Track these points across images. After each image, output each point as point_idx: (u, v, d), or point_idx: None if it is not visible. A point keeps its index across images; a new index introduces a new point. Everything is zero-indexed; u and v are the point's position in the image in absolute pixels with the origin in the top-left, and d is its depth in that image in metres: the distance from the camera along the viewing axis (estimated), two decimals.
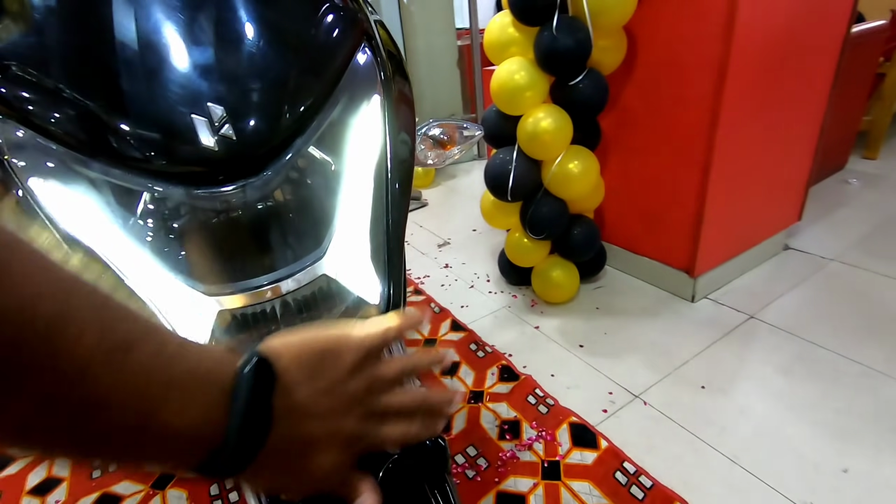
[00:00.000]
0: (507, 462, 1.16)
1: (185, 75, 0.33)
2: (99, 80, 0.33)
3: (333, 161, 0.37)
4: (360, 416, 0.31)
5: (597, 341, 1.55)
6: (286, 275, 0.35)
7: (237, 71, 0.34)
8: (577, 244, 1.66)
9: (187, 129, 0.32)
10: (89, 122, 0.32)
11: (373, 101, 0.40)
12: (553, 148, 1.49)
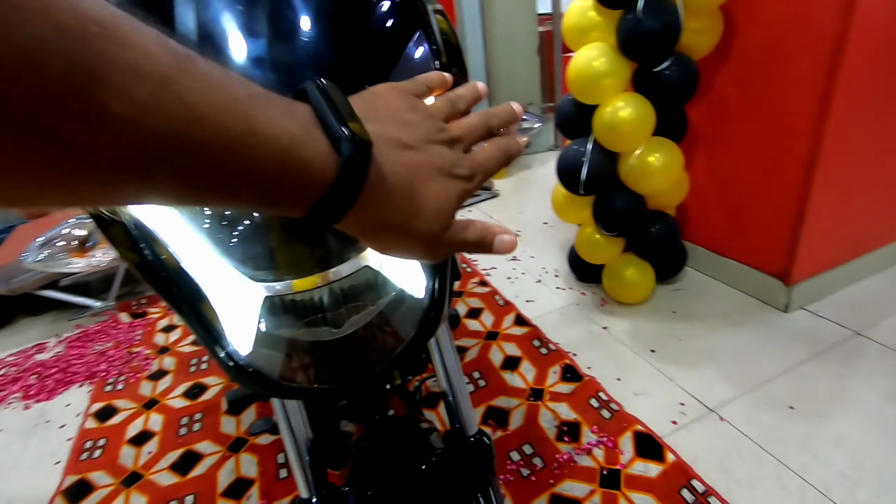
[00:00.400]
0: (564, 465, 1.12)
1: (240, 68, 0.34)
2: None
3: None
4: (444, 144, 0.30)
5: (671, 347, 1.45)
6: (329, 265, 0.34)
7: (290, 63, 0.34)
8: (654, 242, 1.56)
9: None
10: None
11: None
12: (632, 139, 1.39)
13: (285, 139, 0.22)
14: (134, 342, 1.89)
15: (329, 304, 0.36)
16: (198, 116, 0.19)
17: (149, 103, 0.18)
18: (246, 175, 0.22)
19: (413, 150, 0.28)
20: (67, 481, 1.28)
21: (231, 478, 1.22)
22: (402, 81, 0.32)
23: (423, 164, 0.28)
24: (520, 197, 2.77)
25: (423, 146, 0.29)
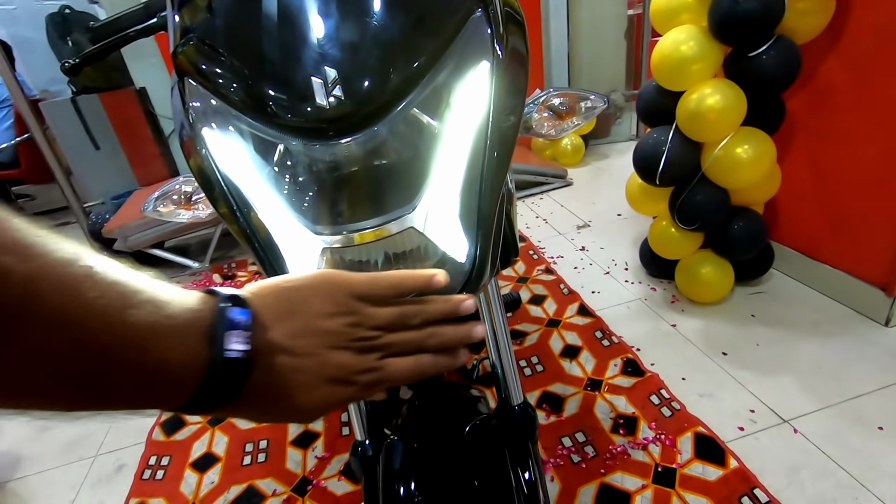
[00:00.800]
0: (617, 456, 1.11)
1: (310, 42, 0.38)
2: (249, 49, 0.39)
3: (435, 123, 0.39)
4: (355, 352, 0.31)
5: (745, 352, 1.37)
6: (378, 223, 0.38)
7: (354, 36, 0.38)
8: (737, 240, 1.46)
9: (308, 91, 0.36)
10: (243, 84, 0.39)
11: (481, 67, 0.40)
12: (718, 129, 1.31)
13: (173, 366, 0.25)
14: None
15: (378, 260, 0.40)
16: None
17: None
18: (133, 399, 0.26)
19: (305, 359, 0.29)
20: (164, 416, 1.46)
21: (300, 429, 1.33)
22: (363, 276, 0.32)
23: (313, 373, 0.30)
24: (594, 187, 2.70)
25: (322, 353, 0.30)
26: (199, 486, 1.21)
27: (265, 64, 0.38)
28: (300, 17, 0.38)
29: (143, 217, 2.21)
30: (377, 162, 0.37)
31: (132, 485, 1.24)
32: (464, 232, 0.39)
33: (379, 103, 0.37)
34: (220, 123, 0.41)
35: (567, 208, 2.46)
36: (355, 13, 0.38)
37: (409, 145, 0.38)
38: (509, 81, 0.41)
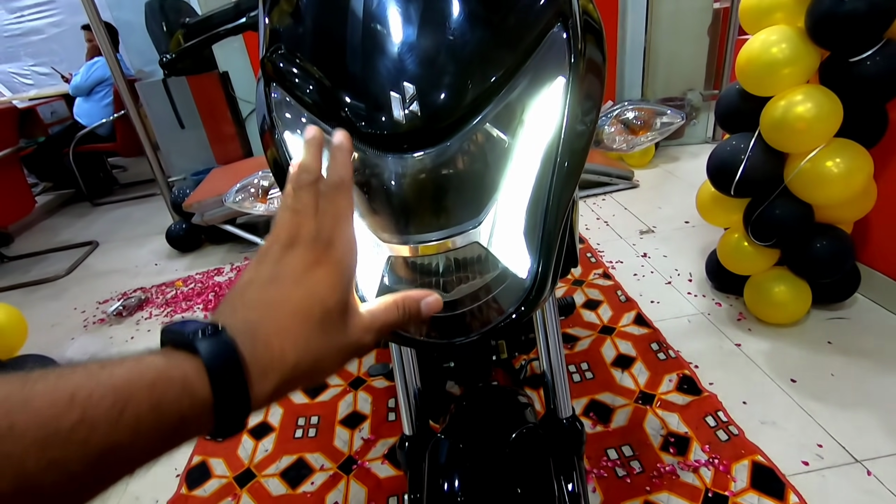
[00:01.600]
0: (665, 476, 1.07)
1: (391, 56, 0.39)
2: (332, 58, 0.41)
3: (506, 138, 0.39)
4: (284, 248, 0.31)
5: (818, 381, 1.27)
6: (444, 236, 0.39)
7: (433, 52, 0.38)
8: (818, 261, 1.35)
9: (385, 104, 0.37)
10: (323, 91, 0.41)
11: (556, 83, 0.39)
12: (807, 139, 1.22)
13: (178, 416, 0.24)
14: None
15: (442, 270, 0.40)
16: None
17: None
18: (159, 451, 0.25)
19: (262, 293, 0.29)
20: None
21: (349, 410, 1.38)
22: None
23: (277, 294, 0.29)
24: (661, 190, 2.58)
25: (268, 282, 0.30)
26: (254, 451, 1.29)
27: (346, 74, 0.40)
28: (383, 28, 0.39)
29: (219, 194, 2.36)
30: (446, 175, 0.38)
31: (196, 443, 1.34)
32: (527, 248, 0.39)
33: (453, 119, 0.38)
34: (298, 127, 0.43)
35: (630, 211, 2.37)
36: (437, 26, 0.39)
37: (479, 160, 0.39)
38: (584, 98, 0.40)
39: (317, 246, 0.31)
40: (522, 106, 0.39)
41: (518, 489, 0.47)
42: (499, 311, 0.40)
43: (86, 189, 3.67)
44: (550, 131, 0.39)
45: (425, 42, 0.39)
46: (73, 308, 2.22)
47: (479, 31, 0.39)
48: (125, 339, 1.91)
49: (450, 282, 0.40)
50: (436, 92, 0.37)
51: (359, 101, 0.39)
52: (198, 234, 2.60)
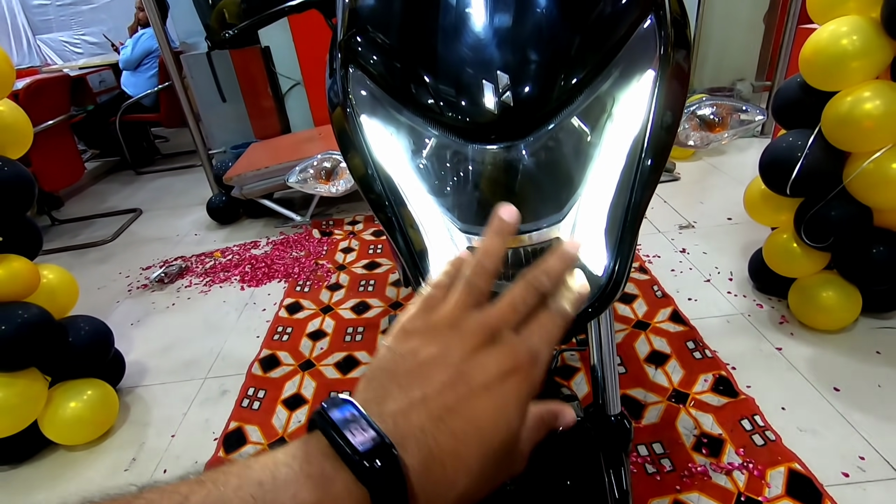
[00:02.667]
0: (696, 476, 1.06)
1: (483, 43, 0.38)
2: (421, 43, 0.41)
3: (593, 133, 0.38)
4: (483, 347, 0.26)
5: (863, 391, 1.23)
6: (527, 230, 0.38)
7: (526, 41, 0.38)
8: (874, 267, 1.29)
9: (477, 92, 0.37)
10: (410, 77, 0.41)
11: (645, 78, 0.38)
12: (873, 138, 1.15)
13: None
14: (320, 255, 2.23)
15: (517, 263, 0.40)
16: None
17: None
18: None
19: (443, 397, 0.24)
20: (263, 353, 1.61)
21: None
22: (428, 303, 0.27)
23: (460, 401, 0.24)
24: (704, 184, 2.50)
25: (454, 379, 0.24)
26: (288, 421, 1.34)
27: (436, 60, 0.39)
28: (475, 13, 0.39)
29: (258, 169, 2.41)
30: (531, 169, 0.38)
31: (233, 409, 1.39)
32: (606, 245, 0.38)
33: (544, 111, 0.37)
34: (379, 113, 0.43)
35: (670, 205, 2.31)
36: (530, 15, 0.38)
37: (564, 154, 0.38)
38: (671, 94, 0.39)
39: (520, 353, 0.26)
40: (612, 99, 0.38)
41: (567, 482, 0.47)
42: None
43: (130, 158, 3.79)
44: (637, 127, 0.38)
45: (518, 31, 0.38)
46: (119, 272, 2.31)
47: (572, 21, 0.38)
48: (166, 306, 1.99)
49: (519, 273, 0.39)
50: (529, 82, 0.36)
51: (447, 86, 0.38)
52: (237, 207, 2.66)
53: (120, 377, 1.52)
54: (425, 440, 0.23)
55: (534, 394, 0.26)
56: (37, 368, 1.27)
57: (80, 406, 1.29)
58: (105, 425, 1.35)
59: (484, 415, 0.24)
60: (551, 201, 0.38)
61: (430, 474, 0.23)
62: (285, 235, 2.47)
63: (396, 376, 0.25)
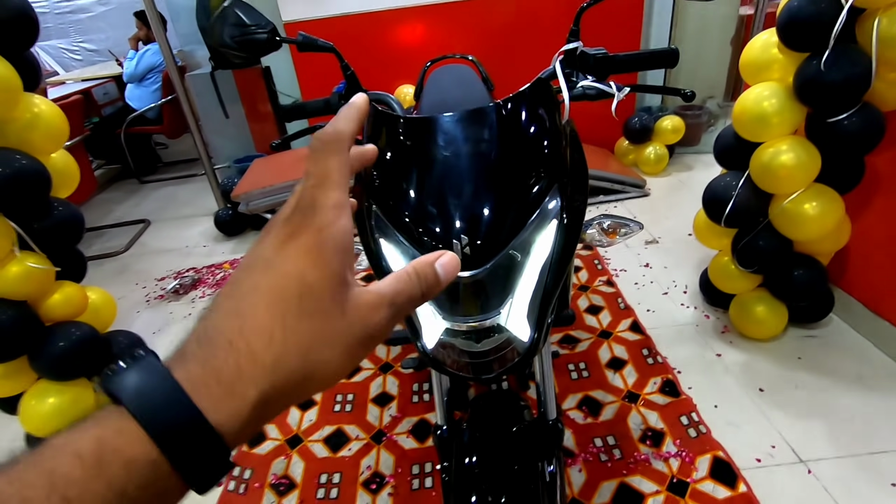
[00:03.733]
0: (640, 462, 1.30)
1: (454, 215, 0.60)
2: (415, 203, 0.63)
3: (521, 259, 0.61)
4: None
5: (783, 392, 1.48)
6: (481, 319, 0.61)
7: (481, 214, 0.60)
8: (794, 287, 1.54)
9: (447, 245, 0.59)
10: (407, 222, 0.63)
11: (551, 226, 0.61)
12: (788, 184, 1.39)
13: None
14: None
15: (473, 341, 0.63)
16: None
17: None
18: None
19: (240, 283, 0.24)
20: None
21: (379, 390, 1.64)
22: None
23: (246, 286, 0.24)
24: (671, 200, 2.74)
25: (249, 268, 0.25)
26: (301, 420, 1.56)
27: (425, 219, 0.62)
28: (452, 195, 0.61)
29: (262, 188, 2.61)
30: (484, 285, 0.60)
31: None
32: (528, 322, 0.61)
33: (490, 254, 0.60)
34: (388, 237, 0.65)
35: (639, 220, 2.54)
36: (482, 193, 0.61)
37: (504, 273, 0.60)
38: (568, 232, 0.62)
39: (293, 217, 0.25)
40: (531, 238, 0.61)
41: (515, 468, 0.70)
42: (510, 358, 0.62)
43: (134, 167, 3.96)
44: (546, 251, 0.61)
45: (475, 208, 0.60)
46: (135, 283, 2.51)
47: (509, 200, 0.61)
48: (184, 315, 2.20)
49: (480, 339, 0.62)
50: (481, 241, 0.59)
51: (432, 239, 0.60)
52: (243, 220, 2.86)
53: None
54: (206, 334, 0.23)
55: (334, 239, 0.25)
56: (85, 378, 1.48)
57: None
58: None
59: (267, 285, 0.24)
60: (496, 299, 0.61)
61: (218, 361, 0.22)
62: None
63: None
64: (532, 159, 0.63)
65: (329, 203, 0.25)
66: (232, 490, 1.36)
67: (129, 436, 0.20)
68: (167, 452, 0.20)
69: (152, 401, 0.21)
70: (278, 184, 2.62)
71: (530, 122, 0.64)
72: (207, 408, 0.21)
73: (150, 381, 0.21)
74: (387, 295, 0.26)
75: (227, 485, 1.37)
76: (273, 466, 1.41)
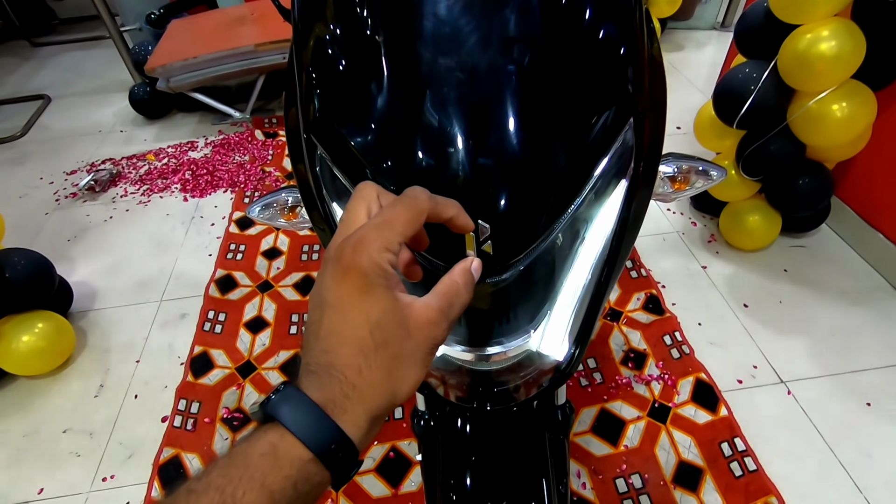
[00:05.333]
0: (621, 387, 1.24)
1: (461, 158, 0.35)
2: (386, 139, 0.37)
3: (564, 254, 0.39)
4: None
5: (767, 307, 1.42)
6: (502, 350, 0.40)
7: (508, 183, 0.36)
8: (799, 198, 1.41)
9: (458, 242, 0.35)
10: (371, 173, 0.38)
11: (618, 191, 0.38)
12: (822, 80, 1.18)
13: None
14: (266, 161, 2.12)
15: (498, 374, 0.44)
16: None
17: None
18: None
19: (325, 318, 0.28)
20: (218, 273, 1.61)
21: None
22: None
23: (329, 324, 0.28)
24: None
25: (322, 307, 0.29)
26: (252, 345, 1.40)
27: (404, 175, 0.37)
28: (453, 150, 0.35)
29: (185, 59, 2.13)
30: (510, 292, 0.38)
31: (195, 333, 1.43)
32: (567, 337, 0.41)
33: (519, 254, 0.36)
34: (345, 202, 0.40)
35: None
36: (509, 150, 0.35)
37: (538, 276, 0.39)
38: (640, 201, 0.39)
39: (345, 253, 0.28)
40: (584, 221, 0.38)
41: (516, 458, 0.56)
42: (535, 381, 0.44)
43: (19, 23, 3.21)
44: (603, 237, 0.39)
45: (501, 166, 0.35)
46: (39, 177, 2.12)
47: (556, 149, 0.36)
48: (103, 219, 1.88)
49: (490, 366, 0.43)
50: (510, 229, 0.35)
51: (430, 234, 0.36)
52: (165, 99, 2.39)
53: (69, 303, 1.49)
54: (323, 368, 0.28)
55: (376, 271, 0.28)
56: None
57: (33, 339, 1.28)
58: (64, 354, 1.36)
59: (349, 327, 0.28)
60: (525, 317, 0.40)
61: (336, 392, 0.27)
62: (225, 135, 2.30)
63: (307, 327, 0.30)
64: (596, 73, 0.38)
65: (375, 246, 0.28)
66: (178, 426, 1.22)
67: (291, 443, 0.26)
68: (319, 456, 0.27)
69: (305, 420, 0.27)
70: (204, 55, 2.14)
71: (595, 6, 0.38)
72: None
73: (299, 405, 0.27)
74: (442, 309, 0.30)
75: (171, 420, 1.23)
76: (224, 399, 1.27)
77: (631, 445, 1.13)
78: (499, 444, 0.58)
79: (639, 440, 1.14)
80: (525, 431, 0.59)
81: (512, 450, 0.58)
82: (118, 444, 1.20)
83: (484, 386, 0.44)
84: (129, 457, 1.18)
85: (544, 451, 0.57)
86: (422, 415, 0.61)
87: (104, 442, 1.21)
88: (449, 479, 0.56)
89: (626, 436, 1.15)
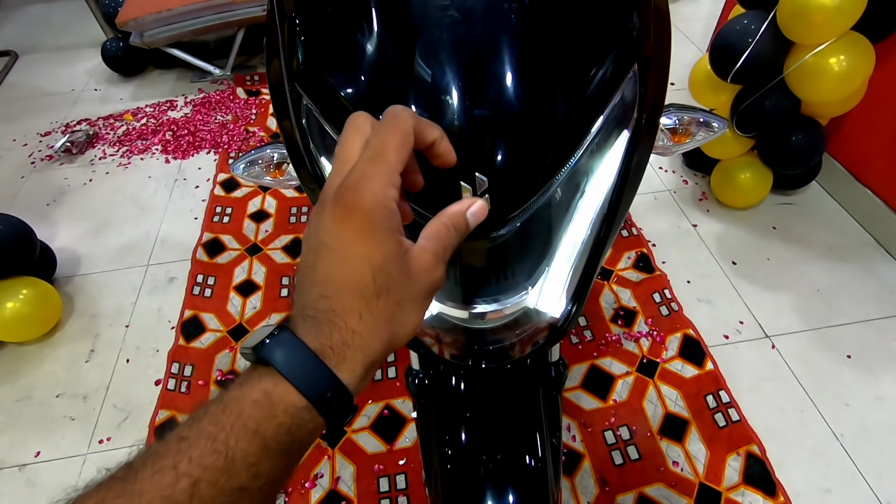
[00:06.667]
0: (611, 344, 1.26)
1: (460, 138, 0.33)
2: (378, 89, 0.35)
3: (563, 208, 0.37)
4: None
5: (754, 264, 1.44)
6: (498, 307, 0.39)
7: (507, 135, 0.34)
8: (792, 154, 1.40)
9: (453, 194, 0.33)
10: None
11: (620, 140, 0.36)
12: (823, 31, 1.14)
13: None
14: (250, 121, 2.05)
15: (494, 331, 0.43)
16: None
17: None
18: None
19: (321, 263, 0.27)
20: (205, 237, 1.58)
21: None
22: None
23: (324, 270, 0.27)
24: None
25: (318, 250, 0.28)
26: (243, 308, 1.39)
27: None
28: (451, 102, 0.33)
29: (158, 12, 2.02)
30: (504, 254, 0.37)
31: (185, 297, 1.42)
32: (565, 294, 0.40)
33: (518, 209, 0.35)
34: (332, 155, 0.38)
35: None
36: (508, 104, 0.33)
37: (536, 231, 0.37)
38: (642, 152, 0.37)
39: (345, 196, 0.27)
40: (585, 170, 0.36)
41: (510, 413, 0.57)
42: (531, 338, 0.43)
43: None
44: (604, 190, 0.37)
45: (499, 116, 0.33)
46: (12, 139, 2.03)
47: (556, 97, 0.34)
48: (83, 182, 1.82)
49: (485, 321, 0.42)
50: (509, 182, 0.33)
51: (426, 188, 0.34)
52: (140, 55, 2.28)
53: (52, 269, 1.46)
54: (324, 316, 0.27)
55: (382, 217, 0.27)
56: None
57: (17, 305, 1.25)
58: (52, 320, 1.34)
59: (346, 272, 0.27)
60: (522, 274, 0.39)
61: (335, 338, 0.27)
62: (205, 94, 2.21)
63: (300, 272, 0.29)
64: (600, 14, 0.36)
65: (377, 183, 0.27)
66: (172, 389, 1.22)
67: (285, 390, 0.26)
68: (314, 403, 0.26)
69: (300, 367, 0.26)
70: (178, 7, 2.03)
71: None
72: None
73: (295, 351, 0.26)
74: (437, 252, 0.29)
75: (165, 384, 1.23)
76: (217, 362, 1.27)
77: (619, 399, 1.16)
78: (493, 400, 0.58)
79: (627, 394, 1.17)
80: (519, 388, 0.59)
81: (506, 406, 0.58)
82: (112, 407, 1.21)
83: (479, 344, 0.44)
84: (124, 419, 1.18)
85: (538, 407, 0.58)
86: (416, 373, 0.61)
87: (98, 405, 1.21)
88: (444, 435, 0.57)
89: (615, 390, 1.18)
